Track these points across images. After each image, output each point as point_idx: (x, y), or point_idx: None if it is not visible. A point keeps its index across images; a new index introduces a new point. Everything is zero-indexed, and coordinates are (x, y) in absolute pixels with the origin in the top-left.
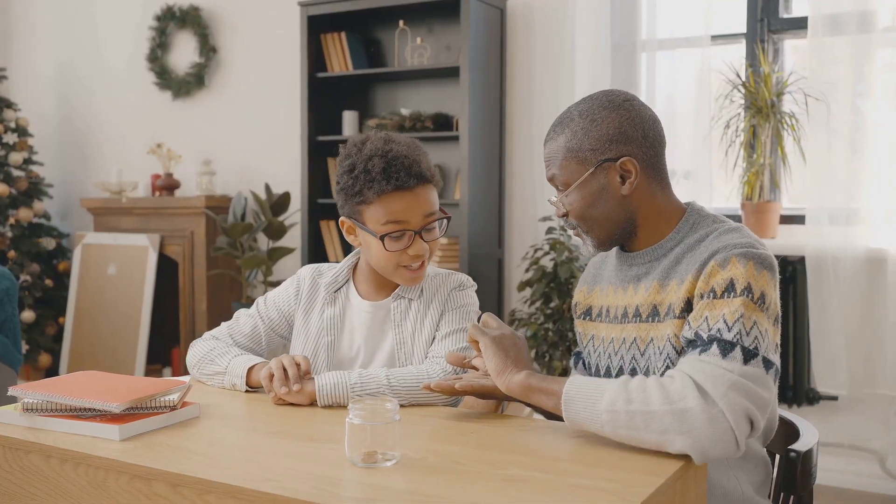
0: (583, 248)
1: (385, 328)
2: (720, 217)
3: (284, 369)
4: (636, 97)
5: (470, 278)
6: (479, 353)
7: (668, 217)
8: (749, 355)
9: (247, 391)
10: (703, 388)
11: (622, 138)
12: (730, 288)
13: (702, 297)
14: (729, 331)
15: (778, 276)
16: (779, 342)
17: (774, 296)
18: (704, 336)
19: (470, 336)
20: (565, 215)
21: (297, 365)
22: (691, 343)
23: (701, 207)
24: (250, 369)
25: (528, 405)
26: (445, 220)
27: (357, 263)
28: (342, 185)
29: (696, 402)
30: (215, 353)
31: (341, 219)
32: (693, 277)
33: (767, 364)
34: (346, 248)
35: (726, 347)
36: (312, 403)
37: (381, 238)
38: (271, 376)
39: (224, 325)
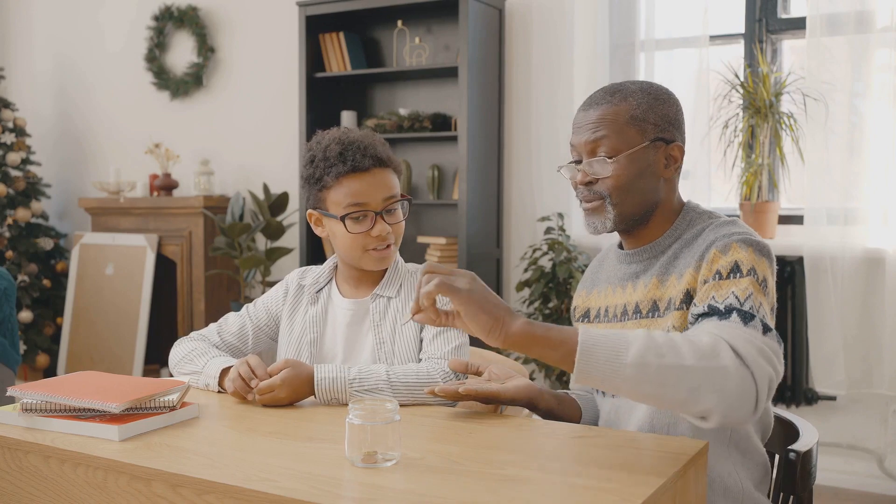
0: (592, 224)
1: (365, 327)
2: (715, 213)
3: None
4: None
5: None
6: (455, 308)
7: (671, 214)
8: (766, 328)
9: (219, 391)
10: (736, 349)
11: (677, 125)
12: (735, 269)
13: (705, 282)
14: (741, 305)
15: (775, 268)
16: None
17: (773, 284)
18: (720, 307)
19: (429, 295)
20: (590, 183)
21: (249, 366)
22: (704, 315)
23: (697, 205)
24: (223, 371)
25: (534, 379)
26: (407, 203)
27: (338, 263)
28: (305, 177)
29: (731, 361)
30: (196, 353)
31: (308, 212)
32: (693, 269)
33: (778, 341)
34: None
35: (746, 317)
36: (311, 399)
37: (343, 219)
38: (235, 391)
39: (213, 324)
